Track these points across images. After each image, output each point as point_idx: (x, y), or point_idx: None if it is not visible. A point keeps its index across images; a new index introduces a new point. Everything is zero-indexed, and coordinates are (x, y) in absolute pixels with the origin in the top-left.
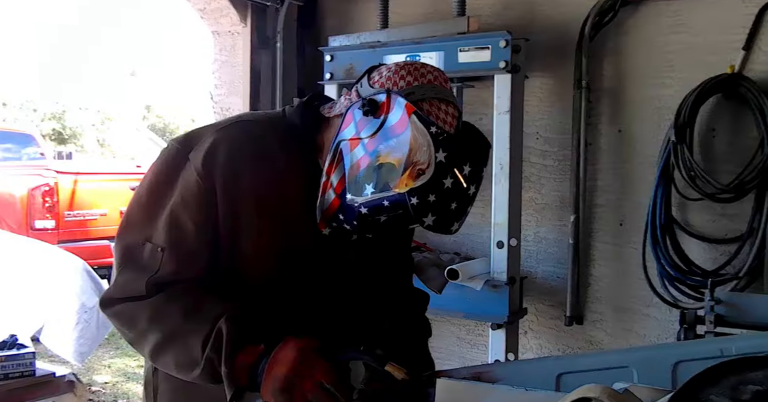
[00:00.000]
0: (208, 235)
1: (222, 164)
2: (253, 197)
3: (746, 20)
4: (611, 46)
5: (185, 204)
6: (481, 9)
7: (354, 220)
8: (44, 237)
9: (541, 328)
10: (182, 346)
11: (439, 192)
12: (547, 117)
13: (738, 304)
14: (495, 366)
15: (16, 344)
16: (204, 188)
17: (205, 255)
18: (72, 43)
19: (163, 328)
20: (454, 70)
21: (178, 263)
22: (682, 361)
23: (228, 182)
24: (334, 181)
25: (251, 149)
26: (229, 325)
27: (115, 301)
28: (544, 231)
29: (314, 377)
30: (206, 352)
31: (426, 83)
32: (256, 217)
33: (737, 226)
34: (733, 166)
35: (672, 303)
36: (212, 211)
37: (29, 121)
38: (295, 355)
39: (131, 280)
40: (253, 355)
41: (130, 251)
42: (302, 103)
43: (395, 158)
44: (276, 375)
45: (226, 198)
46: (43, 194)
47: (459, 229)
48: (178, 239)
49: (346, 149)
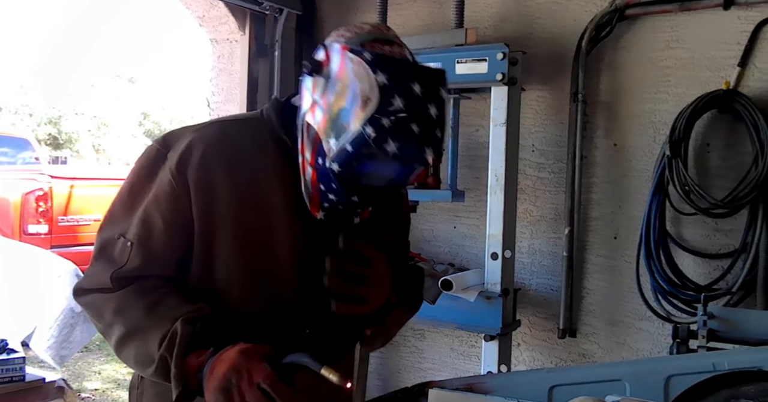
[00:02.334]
0: (178, 234)
1: (196, 165)
2: (228, 196)
3: (742, 37)
4: (608, 60)
5: (157, 202)
6: (479, 21)
7: (333, 185)
8: (37, 242)
9: (534, 341)
10: (142, 342)
11: (393, 116)
12: (543, 130)
13: (731, 319)
14: (488, 377)
15: (6, 349)
16: (177, 188)
17: (174, 254)
18: (69, 48)
19: (126, 322)
20: (451, 81)
21: (143, 259)
22: (675, 375)
23: (201, 182)
24: (308, 156)
25: (226, 149)
26: (185, 327)
27: (86, 290)
28: (538, 243)
29: (252, 378)
30: (161, 351)
31: (366, 32)
32: (231, 217)
33: (731, 241)
34: (728, 181)
35: (665, 317)
36: (184, 210)
37: (25, 125)
38: (235, 356)
39: (100, 272)
40: (202, 357)
41: (106, 244)
42: (275, 99)
43: (344, 99)
44: (216, 374)
45: (200, 198)
46: (36, 199)
47: (439, 158)
48: (147, 236)
49: (310, 119)
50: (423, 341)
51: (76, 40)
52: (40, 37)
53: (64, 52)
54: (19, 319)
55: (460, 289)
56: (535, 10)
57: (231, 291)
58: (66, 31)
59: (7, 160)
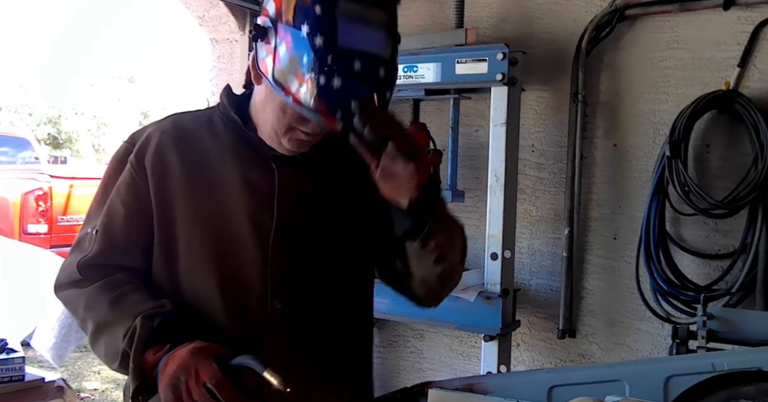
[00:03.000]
0: (139, 220)
1: (152, 155)
2: (181, 175)
3: (742, 37)
4: (608, 60)
5: (119, 191)
6: (479, 21)
7: (326, 67)
8: (37, 241)
9: (534, 341)
10: (110, 337)
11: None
12: (543, 130)
13: (730, 320)
14: (487, 378)
15: (6, 349)
16: (136, 176)
17: (136, 240)
18: (69, 48)
19: (95, 318)
20: (451, 81)
21: (105, 245)
22: (674, 376)
23: (157, 166)
24: (294, 88)
25: (179, 134)
26: (144, 323)
27: (63, 285)
28: (538, 243)
29: (199, 377)
30: (123, 346)
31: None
32: (185, 193)
33: (730, 241)
34: (727, 181)
35: (664, 317)
36: (143, 195)
37: (25, 125)
38: (186, 355)
39: (70, 264)
40: (159, 354)
41: (81, 239)
42: (227, 86)
43: (296, 18)
44: (167, 372)
45: (156, 180)
46: (36, 198)
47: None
48: (110, 223)
49: (268, 72)
50: (422, 341)
51: (76, 39)
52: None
53: (64, 51)
54: (19, 318)
55: (459, 290)
56: (535, 10)
57: (194, 270)
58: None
59: (7, 159)
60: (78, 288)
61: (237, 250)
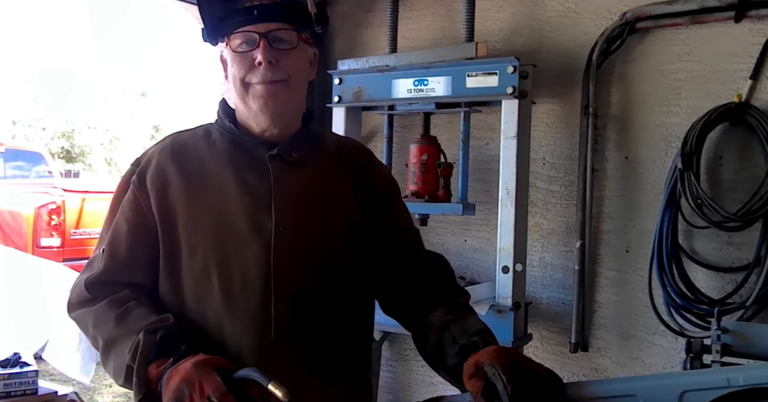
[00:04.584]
0: (142, 235)
1: (152, 172)
2: (180, 183)
3: (753, 50)
4: (619, 73)
5: (123, 210)
6: (489, 35)
7: None
8: (49, 255)
9: (546, 355)
10: (117, 354)
11: None
12: (554, 143)
13: (745, 334)
14: None
15: (19, 362)
16: (138, 194)
17: (140, 257)
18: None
19: (103, 335)
20: (461, 94)
21: (110, 262)
22: (689, 391)
23: (157, 180)
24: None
25: (178, 149)
26: (146, 337)
27: (73, 305)
28: (549, 256)
29: (203, 390)
30: (128, 361)
31: None
32: (185, 199)
33: (744, 254)
34: (741, 194)
35: (678, 331)
36: (145, 211)
37: (38, 139)
38: (189, 368)
39: (80, 283)
40: (162, 367)
41: (91, 260)
42: (222, 99)
43: None
44: (171, 385)
45: (157, 192)
46: (49, 212)
47: None
48: (115, 240)
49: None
50: None
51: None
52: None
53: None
54: (32, 332)
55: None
56: (546, 23)
57: (197, 275)
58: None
59: (21, 173)
60: (87, 307)
61: (239, 251)
